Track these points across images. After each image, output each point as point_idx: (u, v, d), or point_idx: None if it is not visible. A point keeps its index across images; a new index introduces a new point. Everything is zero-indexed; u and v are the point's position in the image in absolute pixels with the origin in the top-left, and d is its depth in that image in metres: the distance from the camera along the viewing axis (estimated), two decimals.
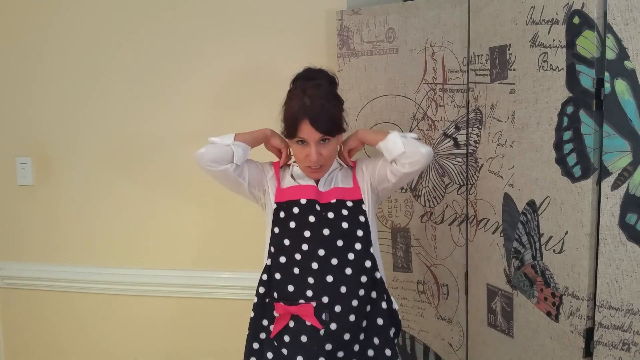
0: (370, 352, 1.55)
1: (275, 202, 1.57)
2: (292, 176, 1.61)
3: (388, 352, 1.55)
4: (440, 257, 1.95)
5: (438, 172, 1.91)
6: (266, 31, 2.10)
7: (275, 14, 2.09)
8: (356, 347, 1.54)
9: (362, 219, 1.54)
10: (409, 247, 2.00)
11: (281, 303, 1.53)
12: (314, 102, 1.46)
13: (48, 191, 2.36)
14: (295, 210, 1.54)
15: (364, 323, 1.55)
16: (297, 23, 2.08)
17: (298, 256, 1.52)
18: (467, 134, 1.84)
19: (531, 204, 1.56)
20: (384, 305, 1.55)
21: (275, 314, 1.55)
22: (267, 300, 1.57)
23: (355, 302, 1.51)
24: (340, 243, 1.52)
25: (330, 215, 1.53)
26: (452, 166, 1.89)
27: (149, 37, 2.18)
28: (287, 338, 1.53)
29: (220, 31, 2.13)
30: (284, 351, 1.54)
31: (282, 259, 1.54)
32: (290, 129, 1.50)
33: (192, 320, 2.30)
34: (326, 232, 1.52)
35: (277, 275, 1.54)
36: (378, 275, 1.55)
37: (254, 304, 1.59)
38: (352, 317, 1.50)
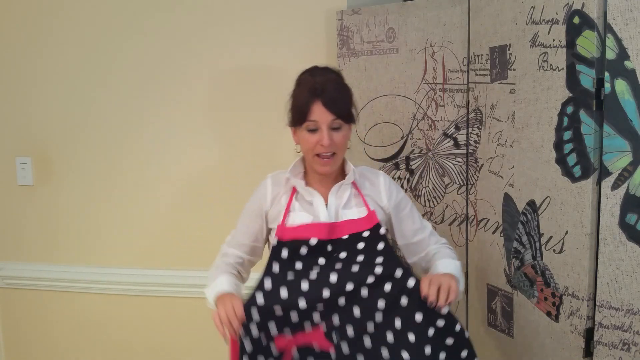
0: None
1: (277, 238, 1.42)
2: (296, 199, 1.48)
3: None
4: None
5: (438, 172, 1.91)
6: (266, 31, 2.10)
7: (275, 14, 2.09)
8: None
9: (380, 246, 1.41)
10: None
11: (281, 336, 1.34)
12: (325, 85, 1.39)
13: (48, 191, 2.36)
14: (303, 250, 1.39)
15: (385, 352, 1.35)
16: (297, 23, 2.08)
17: (305, 286, 1.35)
18: (467, 134, 1.84)
19: (531, 204, 1.56)
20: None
21: (275, 350, 1.35)
22: (260, 335, 1.35)
23: (370, 327, 1.35)
24: (355, 269, 1.37)
25: (343, 255, 1.39)
26: (452, 166, 1.89)
27: (149, 37, 2.18)
28: None
29: (221, 31, 2.13)
30: None
31: (284, 294, 1.35)
32: (300, 114, 1.40)
33: (193, 320, 2.30)
34: (339, 266, 1.38)
35: (278, 310, 1.34)
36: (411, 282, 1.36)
37: (239, 345, 1.34)
38: (367, 342, 1.35)
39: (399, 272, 1.37)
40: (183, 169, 2.23)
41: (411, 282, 1.36)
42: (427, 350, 1.32)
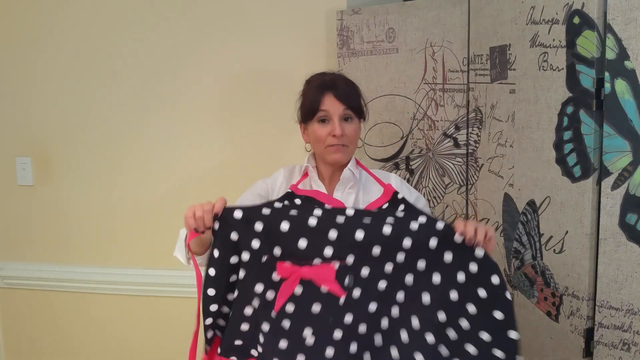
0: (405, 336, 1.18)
1: (290, 190, 1.38)
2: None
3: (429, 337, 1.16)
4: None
5: (438, 172, 1.91)
6: (266, 31, 2.10)
7: (276, 14, 2.09)
8: (384, 323, 1.21)
9: (402, 207, 1.32)
10: None
11: (287, 263, 1.20)
12: (335, 80, 1.42)
13: (48, 191, 2.36)
14: (317, 212, 1.24)
15: (400, 295, 1.20)
16: (297, 23, 2.08)
17: (318, 211, 1.22)
18: (467, 133, 1.84)
19: (531, 204, 1.56)
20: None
21: (277, 277, 1.20)
22: (264, 258, 1.22)
23: (389, 267, 1.19)
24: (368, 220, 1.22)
25: (367, 220, 1.24)
26: (452, 166, 1.89)
27: (150, 38, 2.18)
28: (290, 307, 1.20)
29: (221, 32, 2.13)
30: (285, 324, 1.20)
31: (294, 212, 1.23)
32: (312, 107, 1.39)
33: (193, 320, 2.29)
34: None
35: (285, 226, 1.20)
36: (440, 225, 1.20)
37: (239, 263, 1.22)
38: (382, 285, 1.20)
39: (423, 218, 1.20)
40: (183, 169, 2.23)
41: (440, 225, 1.18)
42: (453, 295, 1.17)
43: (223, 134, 2.19)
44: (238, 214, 1.23)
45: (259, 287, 1.22)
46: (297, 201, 1.33)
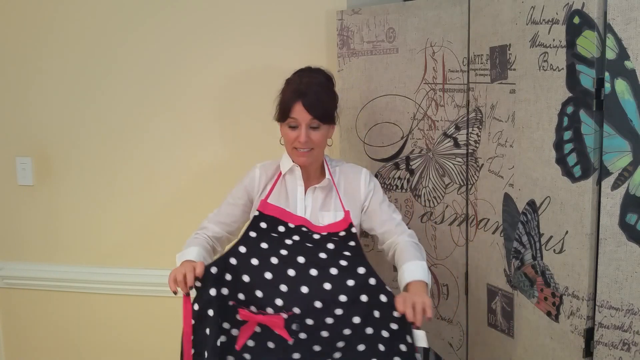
0: None
1: (258, 210, 1.56)
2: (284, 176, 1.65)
3: None
4: (440, 257, 1.94)
5: (438, 172, 1.91)
6: (266, 31, 2.10)
7: (276, 14, 2.09)
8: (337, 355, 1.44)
9: (352, 243, 1.52)
10: None
11: (246, 310, 1.45)
12: (309, 88, 1.54)
13: (48, 191, 2.36)
14: (281, 228, 1.54)
15: (340, 344, 1.44)
16: (297, 23, 2.08)
17: (274, 260, 1.47)
18: (467, 133, 1.84)
19: (531, 203, 1.56)
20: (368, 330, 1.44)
21: (239, 318, 1.46)
22: (230, 302, 1.47)
23: (329, 320, 1.43)
24: (323, 256, 1.48)
25: (317, 236, 1.53)
26: (452, 166, 1.89)
27: (149, 37, 2.18)
28: (251, 343, 1.45)
29: (221, 31, 2.13)
30: (247, 356, 1.45)
31: (255, 262, 1.48)
32: (284, 112, 1.55)
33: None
34: (310, 245, 1.50)
35: (246, 278, 1.47)
36: (372, 281, 1.45)
37: (208, 299, 1.44)
38: (324, 333, 1.43)
39: (362, 270, 1.45)
40: (183, 169, 2.23)
41: (383, 298, 1.41)
42: (382, 347, 1.40)
43: (222, 134, 2.19)
44: (214, 270, 1.47)
45: (225, 325, 1.47)
46: (263, 225, 1.53)
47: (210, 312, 1.44)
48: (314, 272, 1.44)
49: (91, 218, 2.33)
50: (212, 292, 1.45)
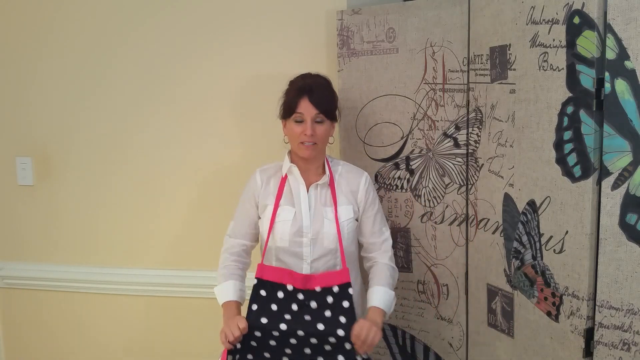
0: None
1: (257, 278, 1.64)
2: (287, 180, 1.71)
3: None
4: (440, 257, 1.95)
5: (438, 172, 1.91)
6: (266, 31, 2.10)
7: (276, 14, 2.09)
8: None
9: (346, 304, 1.59)
10: (409, 247, 2.00)
11: None
12: (314, 86, 1.63)
13: (48, 191, 2.36)
14: (280, 294, 1.62)
15: None
16: (297, 23, 2.08)
17: (275, 333, 1.59)
18: (467, 133, 1.84)
19: (531, 203, 1.56)
20: None
21: None
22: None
23: None
24: (321, 327, 1.57)
25: (314, 304, 1.60)
26: (452, 166, 1.89)
27: (149, 38, 2.18)
28: None
29: (221, 31, 2.13)
30: None
31: (258, 333, 1.59)
32: (290, 108, 1.63)
33: (194, 320, 2.30)
34: (307, 318, 1.59)
35: (253, 343, 1.60)
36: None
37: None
38: None
39: (341, 332, 1.57)
40: (183, 169, 2.23)
41: (341, 332, 1.56)
42: None
43: (223, 134, 2.19)
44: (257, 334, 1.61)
45: None
46: (263, 293, 1.62)
47: None
48: (314, 340, 1.58)
49: (91, 218, 2.33)
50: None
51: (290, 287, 1.61)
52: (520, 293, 1.64)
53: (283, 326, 1.58)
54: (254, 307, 1.62)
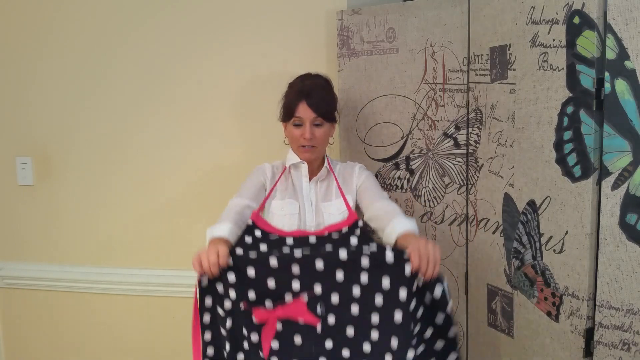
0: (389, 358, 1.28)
1: (252, 220, 1.57)
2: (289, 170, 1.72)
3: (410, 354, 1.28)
4: (440, 257, 1.94)
5: (438, 172, 1.91)
6: (266, 31, 2.10)
7: (276, 14, 2.09)
8: (366, 347, 1.30)
9: (357, 232, 1.54)
10: None
11: (262, 309, 1.31)
12: (312, 89, 1.63)
13: (48, 191, 2.36)
14: (274, 237, 1.56)
15: (375, 317, 1.29)
16: (297, 23, 2.08)
17: (276, 253, 1.35)
18: (467, 133, 1.84)
19: (531, 203, 1.56)
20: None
21: (256, 321, 1.30)
22: (241, 306, 1.33)
23: (356, 291, 1.29)
24: (329, 247, 1.44)
25: (329, 247, 1.48)
26: (452, 166, 1.89)
27: (149, 38, 2.18)
28: (275, 344, 1.30)
29: (220, 31, 2.13)
30: None
31: (253, 254, 1.34)
32: (289, 111, 1.64)
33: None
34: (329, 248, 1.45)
35: (251, 271, 1.31)
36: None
37: (225, 312, 1.35)
38: (354, 309, 1.30)
39: (374, 246, 1.33)
40: (183, 169, 2.23)
41: (389, 255, 1.28)
42: (420, 313, 1.33)
43: (223, 133, 2.19)
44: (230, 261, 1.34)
45: (244, 332, 1.33)
46: (257, 233, 1.51)
47: (220, 311, 1.36)
48: (329, 247, 1.36)
49: (91, 218, 2.33)
50: (219, 288, 1.34)
51: (290, 241, 1.50)
52: (520, 293, 1.64)
53: (286, 248, 1.36)
54: (239, 250, 1.35)
